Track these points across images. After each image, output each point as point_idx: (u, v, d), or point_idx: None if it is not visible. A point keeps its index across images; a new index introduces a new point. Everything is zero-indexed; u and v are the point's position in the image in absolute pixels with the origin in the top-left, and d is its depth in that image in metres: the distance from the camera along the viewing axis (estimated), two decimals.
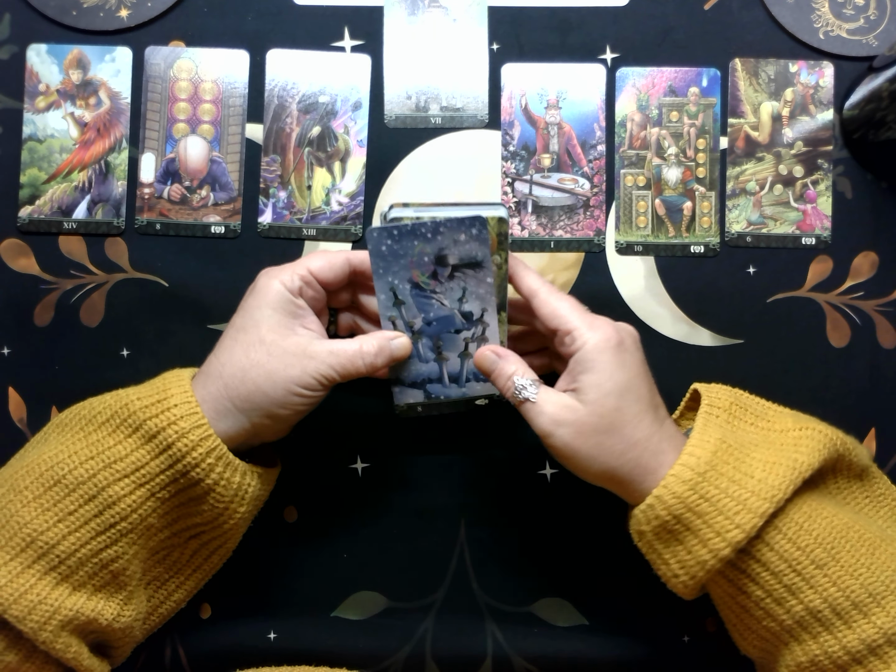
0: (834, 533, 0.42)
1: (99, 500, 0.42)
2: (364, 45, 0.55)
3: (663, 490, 0.42)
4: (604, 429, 0.43)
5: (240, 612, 0.54)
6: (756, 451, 0.44)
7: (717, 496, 0.42)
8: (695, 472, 0.42)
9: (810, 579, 0.41)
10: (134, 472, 0.43)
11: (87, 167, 0.54)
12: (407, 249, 0.45)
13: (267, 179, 0.55)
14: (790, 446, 0.44)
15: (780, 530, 0.42)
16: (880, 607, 0.40)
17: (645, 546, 0.45)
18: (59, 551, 0.41)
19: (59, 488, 0.42)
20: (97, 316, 0.54)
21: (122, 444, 0.43)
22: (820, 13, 0.55)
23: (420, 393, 0.49)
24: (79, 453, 0.43)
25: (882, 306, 0.55)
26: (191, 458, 0.43)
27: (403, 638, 0.54)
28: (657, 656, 0.54)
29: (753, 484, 0.42)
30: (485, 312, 0.47)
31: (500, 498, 0.54)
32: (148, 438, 0.43)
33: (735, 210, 0.55)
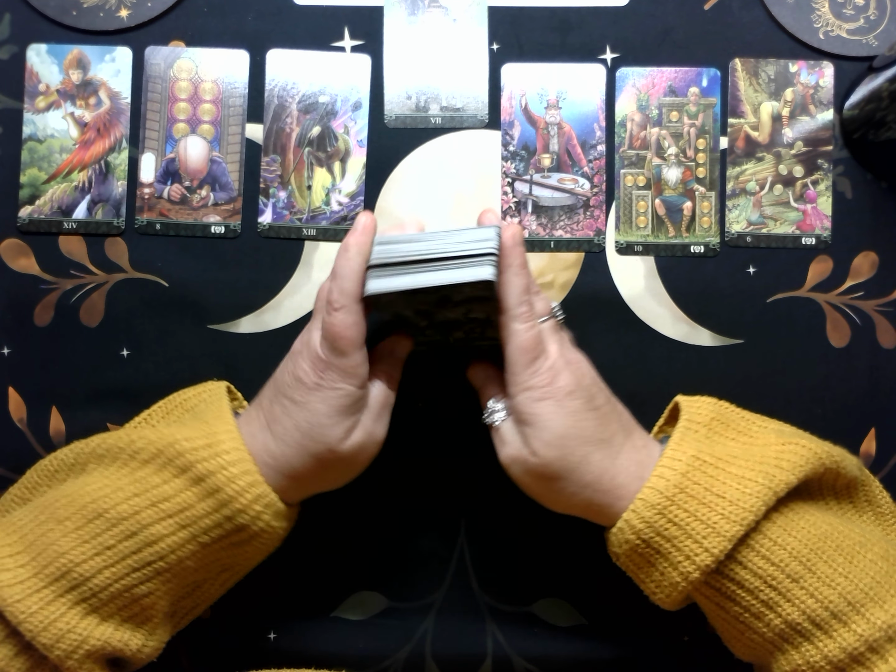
0: (810, 545, 0.42)
1: (140, 537, 0.42)
2: (364, 45, 0.55)
3: (632, 514, 0.42)
4: (550, 476, 0.43)
5: (240, 612, 0.54)
6: (732, 466, 0.43)
7: (686, 520, 0.42)
8: (663, 496, 0.42)
9: (787, 593, 0.41)
10: (178, 512, 0.42)
11: (87, 167, 0.54)
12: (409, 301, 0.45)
13: (267, 179, 0.55)
14: (771, 460, 0.43)
15: (754, 548, 0.41)
16: (860, 615, 0.40)
17: (622, 566, 0.45)
18: (93, 584, 0.41)
19: (100, 521, 0.42)
20: (97, 316, 0.54)
21: (169, 484, 0.43)
22: (820, 13, 0.55)
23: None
24: (124, 489, 0.43)
25: (882, 306, 0.55)
26: (238, 504, 0.42)
27: (403, 638, 0.54)
28: (657, 656, 0.54)
29: (724, 505, 0.41)
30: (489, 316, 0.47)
31: (500, 498, 0.54)
32: (196, 481, 0.42)
33: (735, 210, 0.55)
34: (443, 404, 0.54)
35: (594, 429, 0.43)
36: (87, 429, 0.53)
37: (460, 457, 0.54)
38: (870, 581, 0.41)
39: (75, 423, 0.54)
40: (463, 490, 0.54)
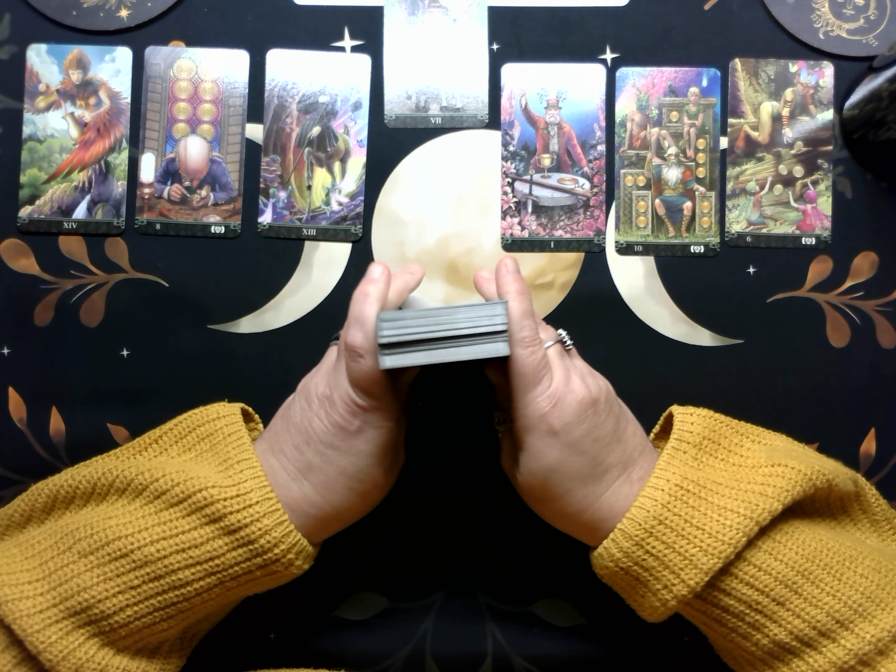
0: (797, 567, 0.41)
1: (166, 580, 0.42)
2: (364, 45, 0.55)
3: (611, 544, 0.43)
4: (537, 497, 0.44)
5: (240, 612, 0.54)
6: (715, 496, 0.42)
7: (664, 552, 0.42)
8: (642, 528, 0.42)
9: (772, 615, 0.41)
10: (208, 560, 0.42)
11: (87, 167, 0.54)
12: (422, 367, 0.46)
13: (267, 179, 0.55)
14: (757, 486, 0.43)
15: (737, 576, 0.41)
16: (849, 631, 0.40)
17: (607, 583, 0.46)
18: (113, 621, 0.42)
19: (125, 562, 0.42)
20: (97, 316, 0.54)
21: (198, 531, 0.42)
22: (820, 13, 0.55)
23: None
24: (150, 530, 0.42)
25: (882, 306, 0.55)
26: (272, 555, 0.43)
27: (403, 638, 0.54)
28: (657, 656, 0.54)
29: (703, 538, 0.41)
30: None
31: (501, 498, 0.54)
32: (227, 531, 0.42)
33: (735, 210, 0.55)
34: (443, 404, 0.54)
35: (584, 466, 0.43)
36: (87, 429, 0.53)
37: (460, 457, 0.54)
38: (858, 597, 0.41)
39: (75, 423, 0.54)
40: (463, 490, 0.54)
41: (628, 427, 0.45)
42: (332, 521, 0.45)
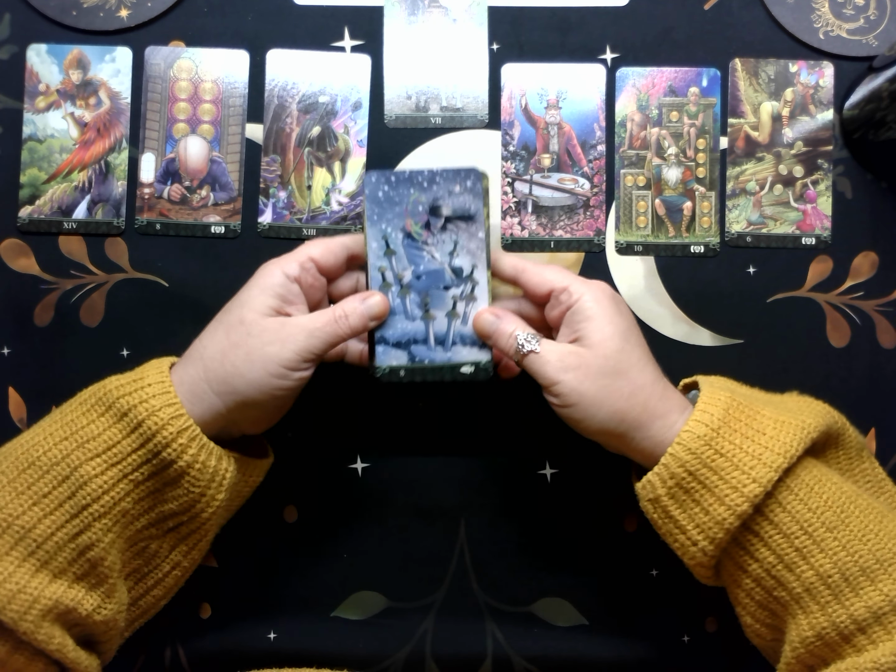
0: (843, 497, 0.42)
1: (72, 480, 0.42)
2: (364, 45, 0.55)
3: (678, 448, 0.42)
4: (610, 370, 0.43)
5: (240, 612, 0.54)
6: (766, 409, 0.44)
7: (733, 451, 0.42)
8: (709, 427, 0.42)
9: (821, 542, 0.41)
10: (106, 450, 0.42)
11: (87, 167, 0.54)
12: (403, 197, 0.46)
13: (267, 179, 0.55)
14: (795, 410, 0.45)
15: (793, 490, 0.42)
16: (887, 574, 0.40)
17: (660, 515, 0.44)
18: (35, 535, 0.41)
19: (33, 470, 0.42)
20: (97, 316, 0.54)
21: (95, 423, 0.43)
22: (820, 13, 0.55)
23: (404, 355, 0.47)
24: (54, 434, 0.43)
25: (882, 306, 0.55)
26: (161, 437, 0.42)
27: (403, 638, 0.54)
28: (657, 656, 0.54)
29: (766, 440, 0.42)
30: (475, 269, 0.47)
31: (500, 498, 0.54)
32: (119, 417, 0.43)
33: (735, 210, 0.55)
34: (443, 404, 0.54)
35: (644, 341, 0.46)
36: None
37: (460, 457, 0.54)
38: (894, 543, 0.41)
39: None
40: (463, 490, 0.54)
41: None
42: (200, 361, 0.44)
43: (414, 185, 0.46)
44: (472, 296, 0.47)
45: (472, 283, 0.47)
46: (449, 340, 0.47)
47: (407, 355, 0.47)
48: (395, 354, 0.47)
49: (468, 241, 0.47)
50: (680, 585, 0.54)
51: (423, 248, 0.47)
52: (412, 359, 0.47)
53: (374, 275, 0.47)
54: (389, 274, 0.47)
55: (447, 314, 0.47)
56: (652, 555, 0.54)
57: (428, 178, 0.46)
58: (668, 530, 0.45)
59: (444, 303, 0.47)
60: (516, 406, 0.54)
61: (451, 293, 0.47)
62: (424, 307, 0.47)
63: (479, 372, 0.48)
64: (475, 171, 0.46)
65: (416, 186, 0.46)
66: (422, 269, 0.47)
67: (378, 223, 0.46)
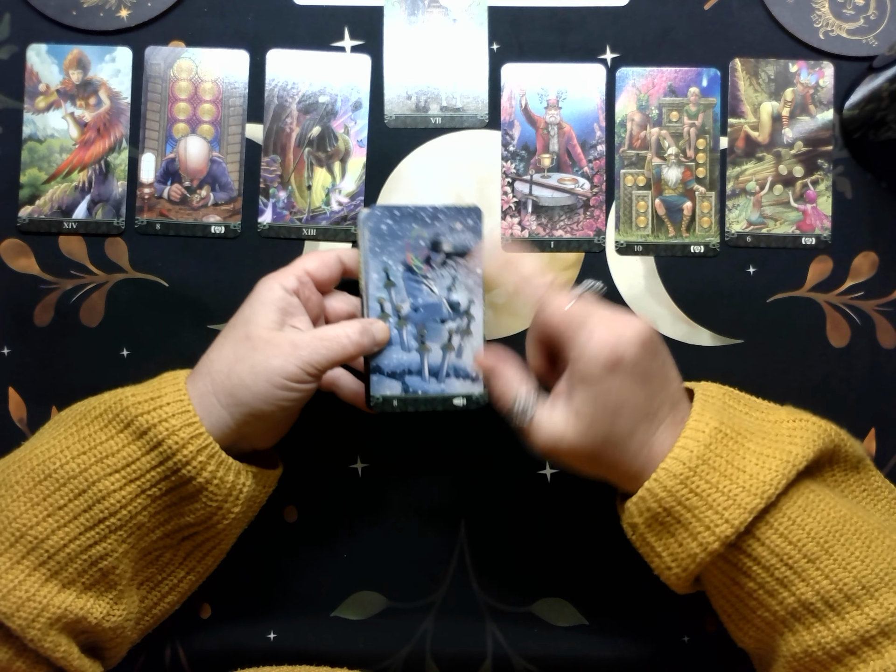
0: (829, 526, 0.42)
1: (89, 494, 0.42)
2: (364, 45, 0.55)
3: (654, 483, 0.42)
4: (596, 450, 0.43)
5: (240, 612, 0.54)
6: (751, 442, 0.43)
7: (708, 491, 0.42)
8: (686, 466, 0.42)
9: (802, 573, 0.41)
10: (125, 467, 0.42)
11: (87, 167, 0.54)
12: (405, 231, 0.47)
13: (267, 179, 0.55)
14: (785, 437, 0.44)
15: (772, 525, 0.41)
16: (873, 599, 0.40)
17: (637, 539, 0.45)
18: (48, 546, 0.41)
19: (49, 482, 0.42)
20: (97, 316, 0.54)
21: (115, 440, 0.43)
22: (820, 13, 0.55)
23: (398, 385, 0.48)
24: (71, 448, 0.43)
25: (882, 306, 0.55)
26: (181, 456, 0.43)
27: (403, 638, 0.54)
28: (657, 656, 0.54)
29: (745, 479, 0.41)
30: (471, 304, 0.48)
31: (500, 498, 0.54)
32: (139, 434, 0.43)
33: (735, 210, 0.55)
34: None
35: (645, 399, 0.43)
36: None
37: (460, 457, 0.54)
38: (886, 566, 0.41)
39: None
40: (463, 490, 0.54)
41: (673, 367, 0.45)
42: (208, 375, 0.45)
43: (417, 221, 0.47)
44: (468, 330, 0.48)
45: (469, 317, 0.48)
46: (443, 372, 0.48)
47: (401, 385, 0.48)
48: (390, 384, 0.48)
49: (466, 276, 0.48)
50: None
51: (422, 281, 0.48)
52: (406, 389, 0.48)
53: (373, 305, 0.47)
54: (388, 305, 0.48)
55: (442, 347, 0.48)
56: None
57: (430, 215, 0.48)
58: (645, 552, 0.45)
59: (440, 336, 0.48)
60: None
61: (447, 326, 0.48)
62: (421, 339, 0.48)
63: (471, 404, 0.49)
64: (476, 210, 0.48)
65: (419, 221, 0.47)
66: (420, 301, 0.48)
67: (380, 255, 0.47)
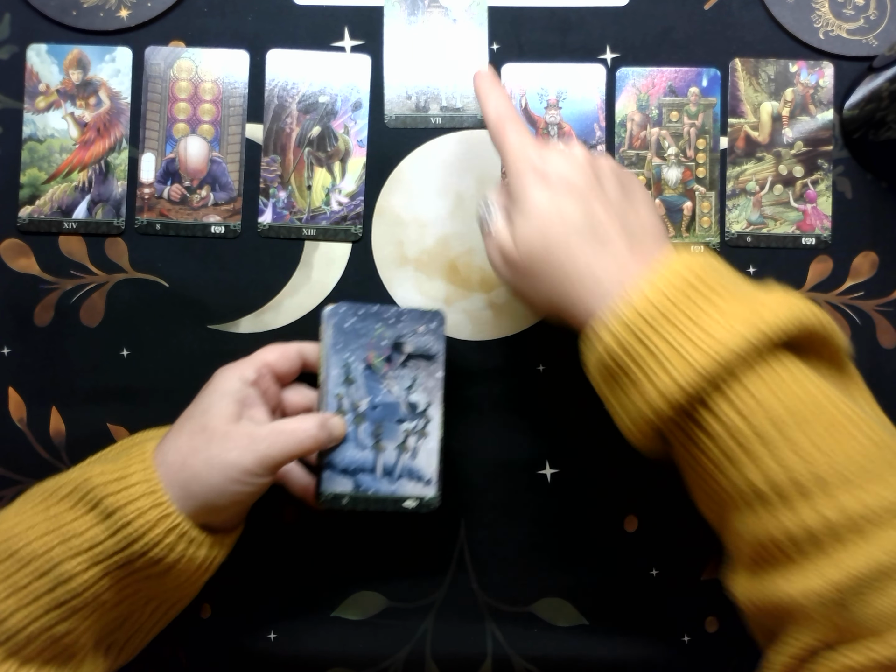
0: (793, 407, 0.37)
1: (53, 575, 0.41)
2: (364, 45, 0.55)
3: (601, 326, 0.39)
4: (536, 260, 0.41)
5: (240, 612, 0.54)
6: (723, 301, 0.38)
7: (658, 344, 0.38)
8: (639, 313, 0.38)
9: (752, 453, 0.37)
10: (90, 549, 0.41)
11: (87, 167, 0.54)
12: (368, 330, 0.48)
13: (267, 179, 0.55)
14: (764, 306, 0.38)
15: (727, 397, 0.37)
16: (827, 495, 0.36)
17: (595, 385, 0.42)
18: (9, 626, 0.40)
19: (12, 561, 0.41)
20: (97, 316, 0.54)
21: (80, 521, 0.42)
22: (820, 13, 0.55)
23: (350, 482, 0.48)
24: (37, 527, 0.42)
25: (882, 306, 0.55)
26: (149, 538, 0.41)
27: (403, 638, 0.54)
28: (657, 656, 0.54)
29: (704, 338, 0.37)
30: (430, 406, 0.49)
31: (500, 498, 0.54)
32: (105, 516, 0.42)
33: (735, 210, 0.55)
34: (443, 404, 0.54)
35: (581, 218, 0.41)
36: (87, 429, 0.53)
37: (461, 457, 0.54)
38: (845, 461, 0.36)
39: (75, 423, 0.54)
40: (463, 490, 0.54)
41: (641, 209, 0.43)
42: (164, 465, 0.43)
43: (381, 321, 0.48)
44: (424, 432, 0.49)
45: (426, 419, 0.49)
46: (396, 473, 0.48)
47: (353, 483, 0.48)
48: (341, 481, 0.48)
49: (426, 379, 0.48)
50: (680, 585, 0.54)
51: (382, 380, 0.48)
52: (357, 487, 0.48)
53: (331, 401, 0.48)
54: (346, 402, 0.48)
55: (397, 447, 0.48)
56: (652, 555, 0.54)
57: (395, 316, 0.49)
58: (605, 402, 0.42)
59: (395, 435, 0.48)
60: (516, 406, 0.54)
61: (403, 427, 0.48)
62: (376, 438, 0.48)
63: (422, 507, 0.49)
64: (440, 315, 0.49)
65: (383, 322, 0.48)
66: (378, 400, 0.48)
67: (342, 352, 0.48)
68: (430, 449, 0.49)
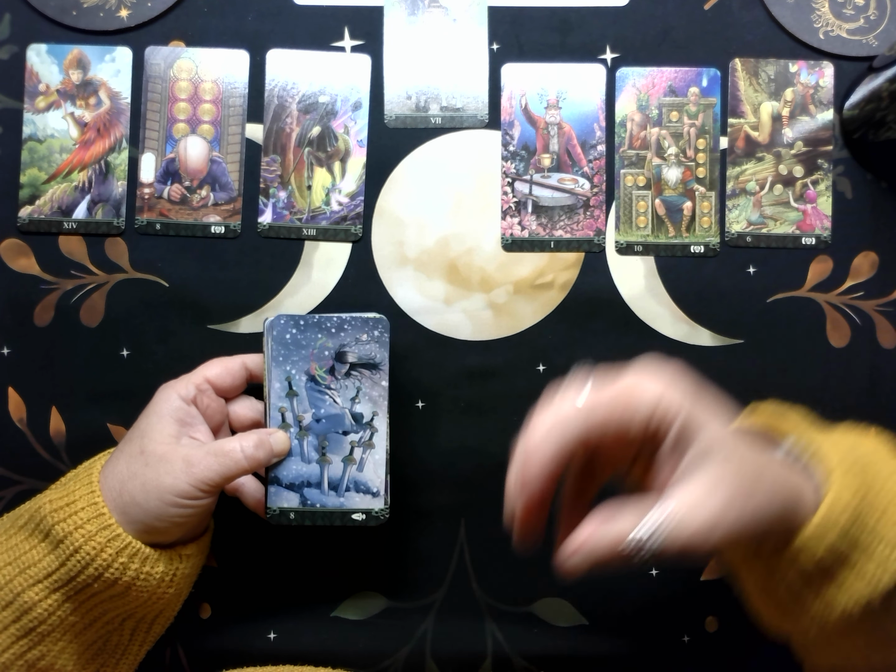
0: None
1: (16, 605, 0.41)
2: (364, 45, 0.55)
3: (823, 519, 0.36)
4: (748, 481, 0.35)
5: (240, 612, 0.54)
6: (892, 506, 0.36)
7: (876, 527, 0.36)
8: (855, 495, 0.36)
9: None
10: (47, 577, 0.42)
11: (87, 167, 0.54)
12: (310, 341, 0.47)
13: (267, 179, 0.55)
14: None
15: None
16: None
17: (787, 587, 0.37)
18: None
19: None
20: (97, 316, 0.54)
21: (36, 550, 0.42)
22: (820, 13, 0.55)
23: (296, 497, 0.48)
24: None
25: (882, 306, 0.55)
26: (101, 560, 0.42)
27: (403, 638, 0.54)
28: (657, 656, 0.54)
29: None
30: (375, 416, 0.48)
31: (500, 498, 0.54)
32: (56, 544, 0.42)
33: (735, 210, 0.55)
34: (443, 404, 0.54)
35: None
36: (87, 429, 0.53)
37: (461, 457, 0.54)
38: None
39: (75, 423, 0.54)
40: (463, 490, 0.54)
41: None
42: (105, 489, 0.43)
43: (322, 331, 0.48)
44: (370, 443, 0.48)
45: (372, 430, 0.48)
46: (343, 486, 0.48)
47: (299, 498, 0.48)
48: (287, 496, 0.48)
49: (371, 388, 0.48)
50: (680, 585, 0.54)
51: (325, 392, 0.48)
52: (304, 502, 0.48)
53: (274, 414, 0.47)
54: (289, 415, 0.48)
55: (343, 459, 0.48)
56: None
57: (336, 325, 0.48)
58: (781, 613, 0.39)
59: (341, 448, 0.48)
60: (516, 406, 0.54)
61: (349, 438, 0.48)
62: (321, 450, 0.48)
63: (370, 520, 0.48)
64: (383, 321, 0.48)
65: (325, 332, 0.48)
66: (322, 412, 0.48)
67: (283, 364, 0.47)
68: (377, 460, 0.48)
